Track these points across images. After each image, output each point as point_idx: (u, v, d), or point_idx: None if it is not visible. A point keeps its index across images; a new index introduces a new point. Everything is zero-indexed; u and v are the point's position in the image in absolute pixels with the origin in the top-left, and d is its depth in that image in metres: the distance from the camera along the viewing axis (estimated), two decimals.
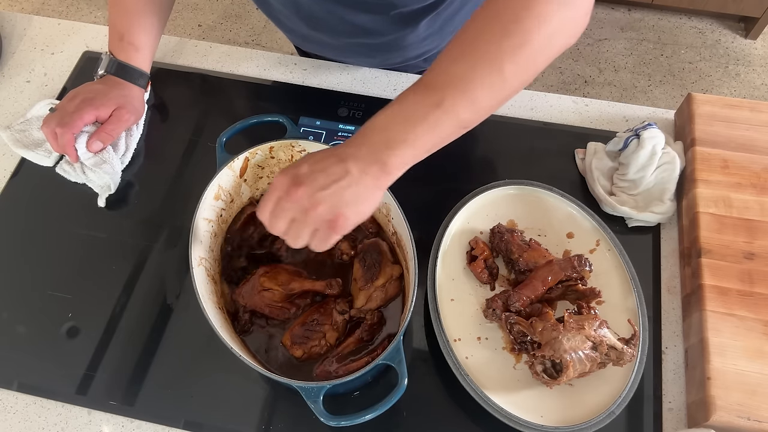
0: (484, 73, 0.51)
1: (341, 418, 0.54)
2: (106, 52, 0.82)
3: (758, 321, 0.64)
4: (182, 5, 2.36)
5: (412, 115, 0.52)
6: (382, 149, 0.51)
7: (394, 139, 0.51)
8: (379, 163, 0.51)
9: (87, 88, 0.79)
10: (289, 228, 0.53)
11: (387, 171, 0.52)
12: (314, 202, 0.51)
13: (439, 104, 0.51)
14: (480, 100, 0.52)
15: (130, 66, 0.81)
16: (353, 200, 0.51)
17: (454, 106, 0.51)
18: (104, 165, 0.78)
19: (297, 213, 0.51)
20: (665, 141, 0.76)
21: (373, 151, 0.51)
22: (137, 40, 0.81)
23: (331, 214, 0.51)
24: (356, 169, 0.51)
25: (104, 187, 0.79)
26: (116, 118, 0.78)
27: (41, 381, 0.67)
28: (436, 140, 0.53)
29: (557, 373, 0.60)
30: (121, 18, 0.80)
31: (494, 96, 0.53)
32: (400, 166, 0.52)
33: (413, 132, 0.51)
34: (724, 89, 2.10)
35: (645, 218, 0.74)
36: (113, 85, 0.80)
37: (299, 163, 0.53)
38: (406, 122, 0.52)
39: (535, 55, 0.51)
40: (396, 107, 0.53)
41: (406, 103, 0.53)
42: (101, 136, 0.77)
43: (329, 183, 0.51)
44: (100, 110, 0.77)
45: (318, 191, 0.51)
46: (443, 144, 0.54)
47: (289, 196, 0.51)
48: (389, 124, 0.52)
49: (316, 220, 0.51)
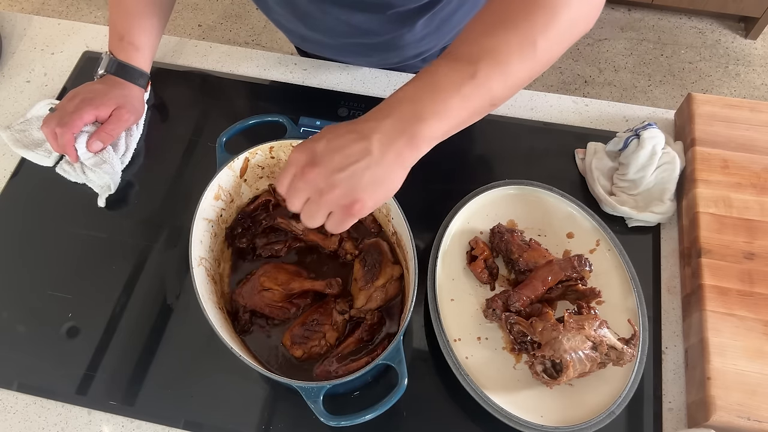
0: (519, 46, 0.50)
1: (341, 418, 0.54)
2: (107, 51, 0.82)
3: (758, 321, 0.64)
4: (182, 5, 2.36)
5: (444, 86, 0.49)
6: (411, 121, 0.48)
7: (425, 111, 0.48)
8: (407, 136, 0.48)
9: (87, 88, 0.79)
10: (304, 207, 0.51)
11: (415, 145, 0.49)
12: (330, 185, 0.48)
13: (474, 75, 0.49)
14: (513, 73, 0.50)
15: (130, 66, 0.81)
16: (371, 183, 0.48)
17: (488, 78, 0.49)
18: (104, 165, 0.77)
19: (312, 194, 0.49)
20: (665, 141, 0.76)
21: (400, 123, 0.49)
22: (137, 40, 0.81)
23: (346, 198, 0.48)
24: (378, 145, 0.48)
25: (104, 187, 0.79)
26: (116, 118, 0.78)
27: (41, 381, 0.67)
28: (465, 115, 0.51)
29: (557, 373, 0.60)
30: (121, 18, 0.80)
31: (527, 70, 0.51)
32: (430, 140, 0.49)
33: (445, 104, 0.49)
34: (724, 89, 2.10)
35: (645, 218, 0.74)
36: (113, 84, 0.80)
37: (317, 138, 0.50)
38: (437, 93, 0.49)
39: (561, 34, 0.51)
40: (426, 78, 0.50)
41: (437, 75, 0.50)
42: (101, 135, 0.77)
43: (346, 164, 0.48)
44: (99, 110, 0.77)
45: (334, 173, 0.48)
46: (470, 122, 0.52)
47: (304, 175, 0.49)
48: (419, 95, 0.49)
49: (331, 204, 0.49)
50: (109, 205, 0.79)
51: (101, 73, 0.80)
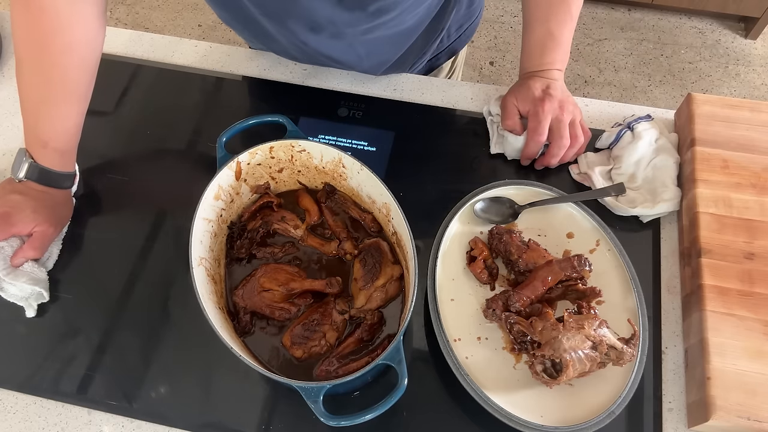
0: None
1: (341, 418, 0.54)
2: (25, 153, 0.72)
3: (758, 321, 0.64)
4: (182, 5, 2.36)
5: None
6: None
7: None
8: None
9: (5, 198, 0.70)
10: None
11: None
12: None
13: None
14: None
15: (56, 172, 0.73)
16: None
17: None
18: (23, 278, 0.69)
19: None
20: (659, 132, 0.78)
21: None
22: (64, 145, 0.73)
23: None
24: None
25: (30, 298, 0.71)
26: (40, 236, 0.71)
27: (41, 381, 0.68)
28: None
29: (557, 372, 0.60)
30: (42, 122, 0.71)
31: None
32: None
33: None
34: (724, 89, 2.10)
35: (658, 211, 0.74)
36: (36, 196, 0.71)
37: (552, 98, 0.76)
38: None
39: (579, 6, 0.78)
40: None
41: None
42: (27, 254, 0.70)
43: None
44: (17, 227, 0.70)
45: None
46: None
47: None
48: None
49: None
50: (109, 205, 0.79)
51: (21, 177, 0.71)
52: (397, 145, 0.83)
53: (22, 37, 0.67)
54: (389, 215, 0.68)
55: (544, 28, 0.77)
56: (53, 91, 0.70)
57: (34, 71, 0.69)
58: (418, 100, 0.88)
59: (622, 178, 0.77)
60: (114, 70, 0.90)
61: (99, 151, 0.83)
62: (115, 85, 0.89)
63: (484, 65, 2.20)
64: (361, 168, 0.67)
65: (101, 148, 0.83)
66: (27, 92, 0.70)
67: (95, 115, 0.78)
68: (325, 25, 0.73)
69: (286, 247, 0.72)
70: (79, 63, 0.70)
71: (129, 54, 0.93)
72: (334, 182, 0.74)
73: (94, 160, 0.82)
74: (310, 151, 0.70)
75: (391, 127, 0.84)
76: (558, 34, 0.77)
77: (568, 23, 0.77)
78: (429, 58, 0.95)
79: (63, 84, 0.70)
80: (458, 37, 0.97)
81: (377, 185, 0.66)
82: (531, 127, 0.76)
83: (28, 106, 0.71)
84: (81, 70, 0.70)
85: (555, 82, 0.77)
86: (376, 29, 0.75)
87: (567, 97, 0.77)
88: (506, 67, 2.20)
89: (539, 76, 0.78)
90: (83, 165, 0.80)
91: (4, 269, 0.69)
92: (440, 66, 1.02)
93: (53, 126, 0.71)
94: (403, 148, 0.82)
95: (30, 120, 0.71)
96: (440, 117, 0.86)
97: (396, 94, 0.88)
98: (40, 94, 0.70)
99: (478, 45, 2.24)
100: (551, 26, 0.77)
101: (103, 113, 0.86)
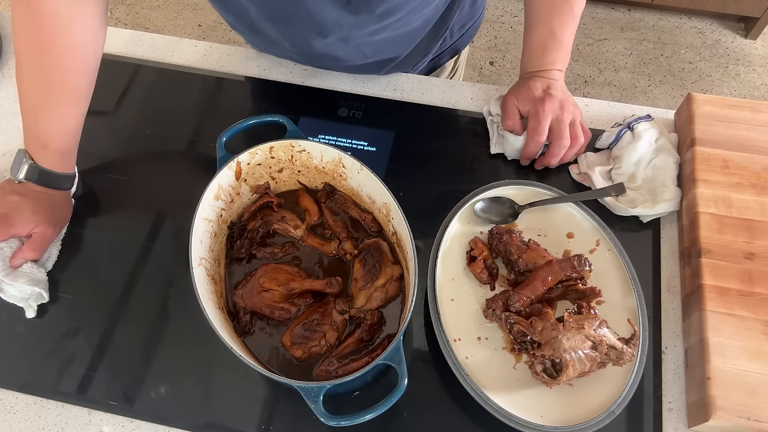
0: None
1: (341, 418, 0.54)
2: (25, 153, 0.71)
3: (758, 321, 0.64)
4: (182, 5, 2.36)
5: None
6: None
7: None
8: None
9: (4, 199, 0.70)
10: None
11: None
12: None
13: None
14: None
15: (56, 174, 0.73)
16: None
17: None
18: (22, 279, 0.69)
19: None
20: (659, 132, 0.78)
21: None
22: (64, 146, 0.73)
23: None
24: None
25: (30, 298, 0.70)
26: (39, 237, 0.71)
27: (41, 381, 0.68)
28: None
29: (557, 372, 0.60)
30: (42, 124, 0.70)
31: None
32: None
33: None
34: (724, 89, 2.10)
35: (658, 211, 0.74)
36: (35, 197, 0.71)
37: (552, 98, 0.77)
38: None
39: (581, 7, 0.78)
40: None
41: None
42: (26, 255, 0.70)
43: None
44: (16, 228, 0.70)
45: None
46: None
47: None
48: None
49: None
50: (108, 206, 0.79)
51: (20, 178, 0.71)
52: (397, 145, 0.83)
53: (23, 38, 0.67)
54: (389, 215, 0.68)
55: (546, 27, 0.78)
56: (53, 93, 0.70)
57: (35, 72, 0.69)
58: (418, 100, 0.88)
59: (622, 178, 0.77)
60: (114, 70, 0.90)
61: (99, 152, 0.83)
62: (115, 85, 0.89)
63: (484, 65, 2.20)
64: (361, 168, 0.67)
65: (101, 149, 0.83)
66: (27, 93, 0.70)
67: (95, 115, 0.78)
68: (332, 29, 0.73)
69: (286, 247, 0.72)
70: (80, 64, 0.70)
71: (129, 54, 0.93)
72: (334, 182, 0.74)
73: (94, 160, 0.82)
74: (310, 151, 0.70)
75: (391, 127, 0.84)
76: (560, 34, 0.77)
77: (570, 23, 0.77)
78: (432, 58, 0.95)
79: (63, 85, 0.70)
80: (461, 36, 0.97)
81: (377, 185, 0.66)
82: (531, 127, 0.76)
83: (28, 107, 0.70)
84: (81, 72, 0.70)
85: (555, 82, 0.77)
86: (382, 30, 0.75)
87: (567, 98, 0.77)
88: (506, 67, 2.20)
89: (540, 76, 0.78)
90: (83, 165, 0.80)
91: (4, 270, 0.69)
92: (443, 65, 1.02)
93: (53, 127, 0.71)
94: (403, 148, 0.83)
95: (30, 121, 0.71)
96: (440, 117, 0.86)
97: (396, 94, 0.88)
98: (40, 95, 0.70)
99: (478, 45, 2.24)
100: (553, 26, 0.77)
101: (103, 113, 0.87)
